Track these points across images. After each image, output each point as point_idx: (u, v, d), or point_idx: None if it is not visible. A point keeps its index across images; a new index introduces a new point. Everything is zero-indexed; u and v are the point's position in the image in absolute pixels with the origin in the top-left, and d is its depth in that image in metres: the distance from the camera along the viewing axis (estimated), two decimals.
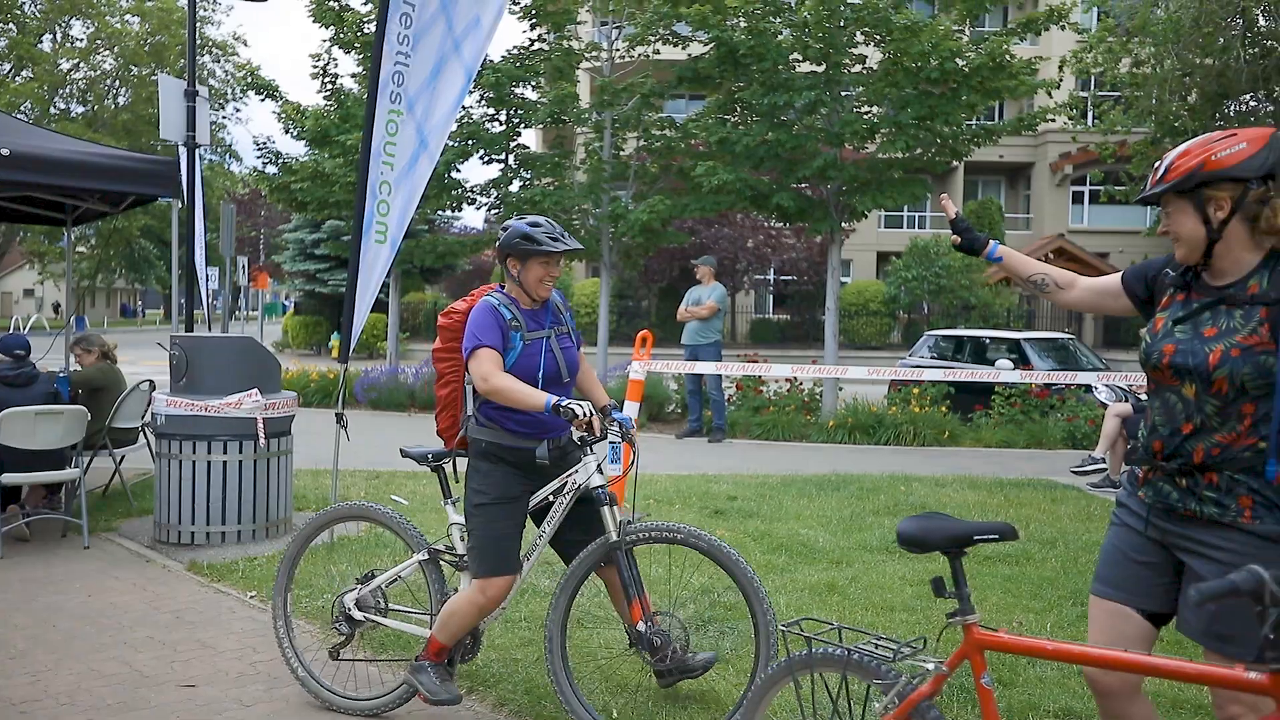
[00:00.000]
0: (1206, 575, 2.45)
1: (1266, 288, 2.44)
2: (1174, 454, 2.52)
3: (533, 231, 3.63)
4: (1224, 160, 2.44)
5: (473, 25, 6.64)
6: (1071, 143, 25.21)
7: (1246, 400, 2.42)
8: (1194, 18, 13.01)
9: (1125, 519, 2.69)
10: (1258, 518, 2.41)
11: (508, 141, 15.41)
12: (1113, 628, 2.67)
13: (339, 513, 4.20)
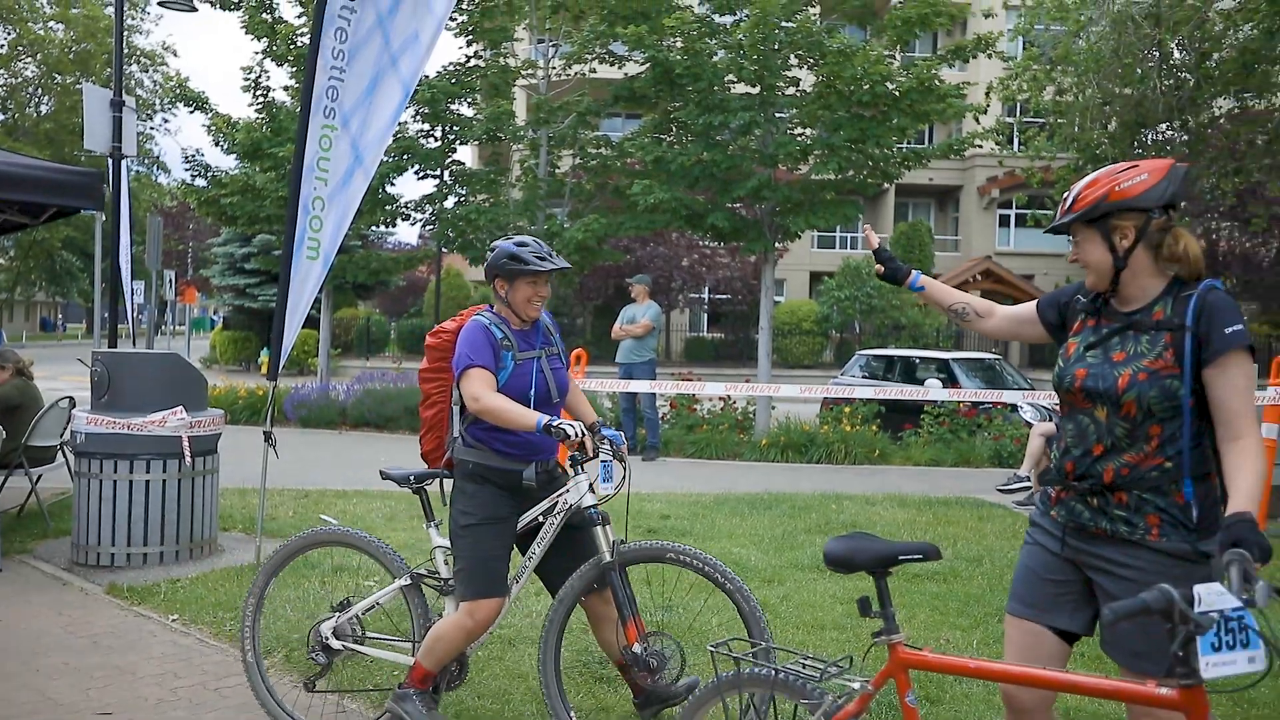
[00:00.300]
0: (1116, 593, 2.52)
1: (1170, 314, 2.52)
2: (1085, 474, 2.59)
3: (519, 251, 3.61)
4: (1128, 190, 2.52)
5: (411, 41, 6.61)
6: (998, 167, 25.82)
7: (1154, 422, 2.50)
8: (1113, 49, 13.43)
9: (1038, 538, 2.75)
10: (1164, 535, 2.49)
11: (443, 157, 15.34)
12: (1028, 646, 2.72)
13: (312, 539, 4.03)
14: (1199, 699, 2.08)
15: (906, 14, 13.74)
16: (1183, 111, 14.02)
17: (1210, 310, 2.47)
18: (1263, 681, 2.08)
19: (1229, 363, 2.43)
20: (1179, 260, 2.56)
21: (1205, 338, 2.45)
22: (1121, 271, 2.58)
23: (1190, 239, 2.58)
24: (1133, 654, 2.51)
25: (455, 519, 3.61)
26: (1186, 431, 2.48)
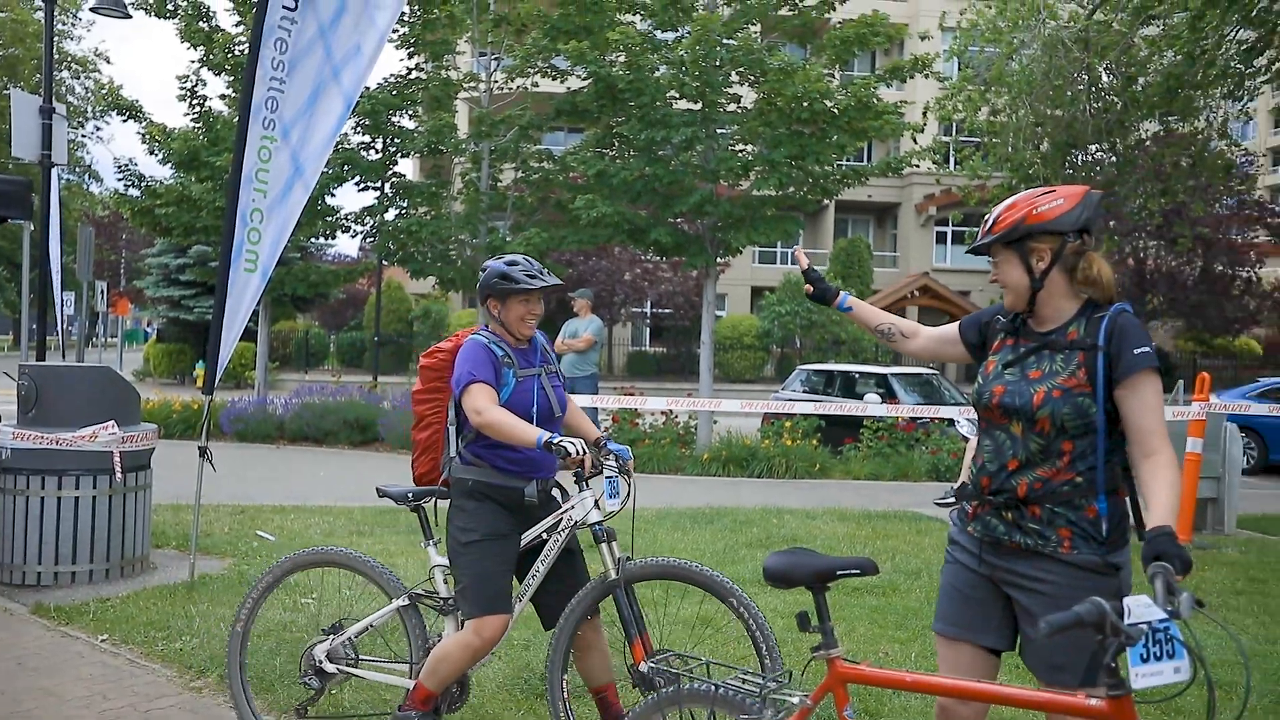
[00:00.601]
0: (1032, 609, 2.59)
1: (1084, 334, 2.60)
2: (1001, 489, 2.66)
3: (510, 270, 3.61)
4: (1044, 214, 2.60)
5: (353, 53, 6.56)
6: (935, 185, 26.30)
7: (1066, 438, 2.57)
8: (1044, 71, 13.74)
9: (957, 555, 2.81)
10: (1075, 548, 2.56)
11: (384, 169, 15.23)
12: (956, 662, 2.79)
13: (302, 559, 3.93)
14: (1127, 709, 2.14)
15: (845, 34, 13.96)
16: (1111, 134, 14.38)
17: (1120, 332, 2.55)
18: (1187, 690, 2.14)
19: (1138, 382, 2.52)
20: (1092, 283, 2.64)
21: (1116, 358, 2.53)
22: (1038, 292, 2.66)
23: (1103, 264, 2.67)
24: (1051, 667, 2.58)
25: (455, 537, 3.57)
26: (1098, 447, 2.56)
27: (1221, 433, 9.02)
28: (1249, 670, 4.13)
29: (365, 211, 15.24)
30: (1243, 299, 32.40)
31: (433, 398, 3.74)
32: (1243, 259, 31.98)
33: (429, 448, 3.77)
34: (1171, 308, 32.11)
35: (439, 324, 33.98)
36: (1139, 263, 31.69)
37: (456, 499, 3.62)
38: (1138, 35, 13.12)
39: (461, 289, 15.91)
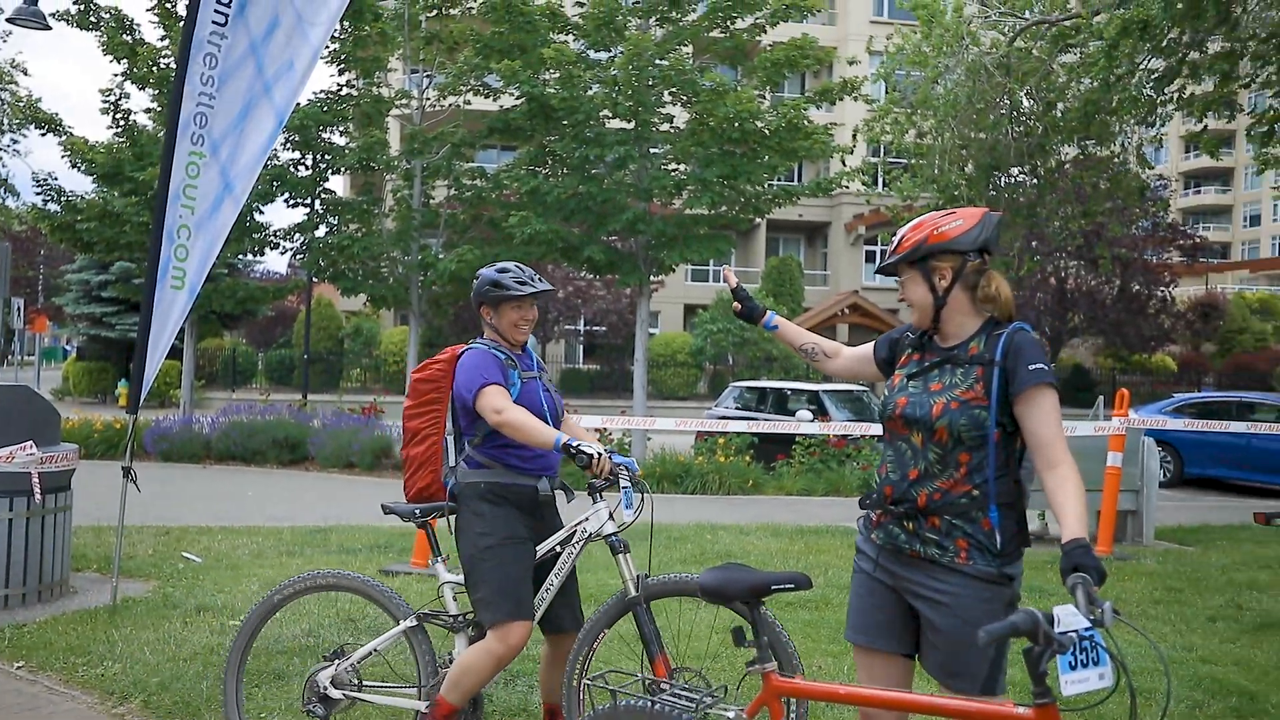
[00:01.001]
0: (933, 619, 2.67)
1: (983, 350, 2.69)
2: (902, 499, 2.73)
3: (501, 277, 3.64)
4: (945, 234, 2.70)
5: (285, 69, 6.49)
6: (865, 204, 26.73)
7: (963, 450, 2.66)
8: (968, 95, 14.06)
9: (862, 564, 2.88)
10: (971, 559, 2.63)
11: (314, 186, 15.06)
12: (872, 670, 2.85)
13: (305, 583, 3.82)
14: (1053, 717, 2.20)
15: (776, 56, 14.20)
16: (1033, 157, 14.76)
17: (1016, 349, 2.64)
18: (1110, 699, 2.21)
19: (1034, 396, 2.60)
20: (991, 301, 2.74)
21: (1011, 373, 2.62)
22: (941, 309, 2.75)
23: (1002, 282, 2.76)
24: (950, 674, 2.66)
25: (472, 543, 3.52)
26: (991, 460, 2.64)
27: (1140, 447, 9.29)
28: (1169, 677, 4.27)
29: (295, 228, 15.06)
30: (1158, 318, 33.42)
31: (428, 410, 3.72)
32: (1158, 279, 33.02)
33: (426, 462, 3.72)
34: (1091, 325, 32.99)
35: (370, 341, 33.60)
36: (1060, 282, 32.52)
37: (469, 504, 3.57)
38: (1056, 62, 13.49)
39: (393, 306, 15.78)
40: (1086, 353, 35.84)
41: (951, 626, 2.64)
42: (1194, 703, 4.83)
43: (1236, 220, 69.57)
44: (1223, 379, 33.65)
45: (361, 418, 13.95)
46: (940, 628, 2.66)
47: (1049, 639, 2.05)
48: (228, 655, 3.85)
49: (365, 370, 33.42)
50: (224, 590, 6.39)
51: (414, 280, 14.71)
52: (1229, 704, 4.83)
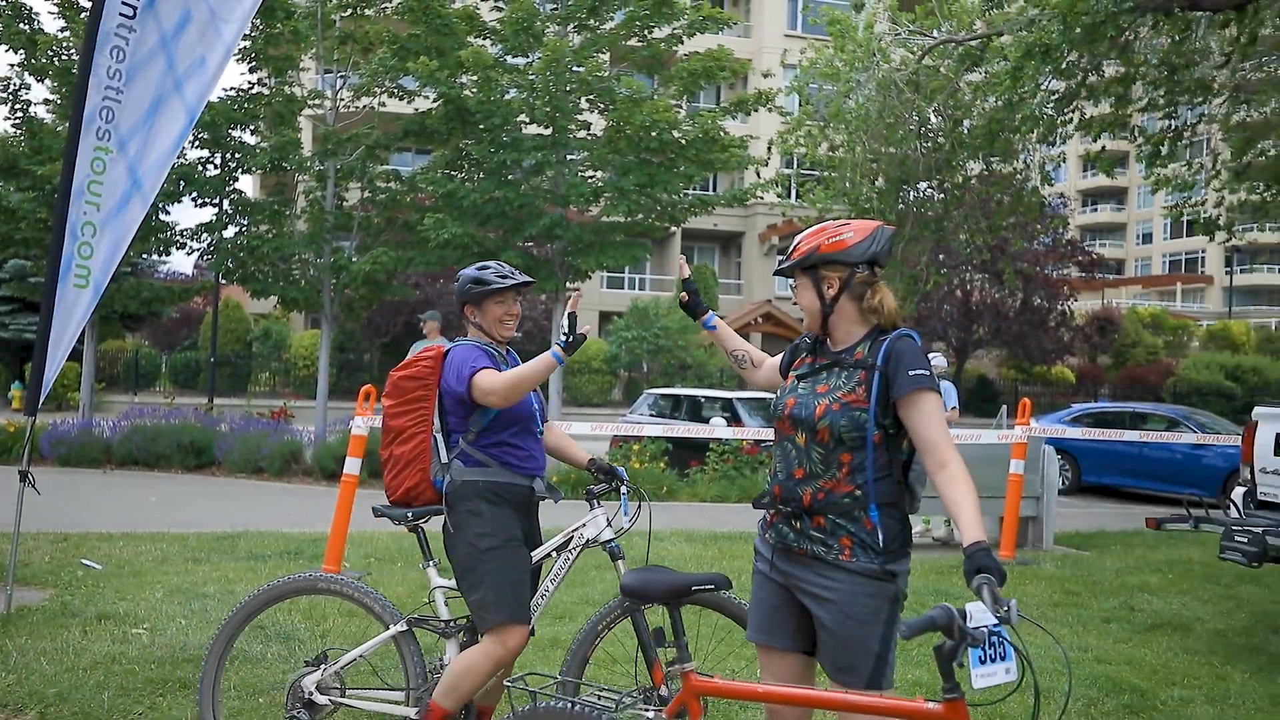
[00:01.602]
0: (822, 617, 2.76)
1: (867, 355, 2.81)
2: (789, 498, 2.83)
3: (482, 274, 3.64)
4: (835, 245, 2.83)
5: (197, 65, 6.36)
6: (778, 215, 27.11)
7: (844, 450, 2.76)
8: (879, 110, 14.39)
9: (759, 565, 2.98)
10: (855, 557, 2.73)
11: (223, 185, 14.71)
12: (772, 667, 2.94)
13: (288, 587, 3.74)
14: (961, 711, 2.29)
15: (693, 66, 14.34)
16: (940, 172, 15.16)
17: (898, 355, 2.76)
18: (1012, 696, 2.31)
19: (916, 400, 2.71)
20: (875, 311, 2.86)
21: (892, 377, 2.74)
22: (828, 316, 2.87)
23: (887, 295, 2.88)
24: (837, 669, 2.75)
25: (471, 544, 3.47)
26: (870, 460, 2.74)
27: (1040, 455, 9.61)
28: (1070, 672, 4.44)
29: (203, 228, 14.68)
30: (1058, 331, 34.53)
31: (415, 408, 3.62)
32: (1058, 293, 34.13)
33: (414, 460, 3.61)
34: (995, 337, 33.93)
35: (280, 345, 32.89)
36: (966, 295, 33.41)
37: (466, 503, 3.52)
38: (963, 81, 13.88)
39: (305, 309, 15.50)
40: (990, 364, 36.86)
41: (837, 622, 2.73)
42: (1089, 700, 5.03)
43: (1130, 238, 72.28)
44: (1117, 390, 34.91)
45: (271, 422, 13.68)
46: (827, 624, 2.75)
47: (963, 634, 2.14)
48: (202, 666, 3.74)
49: (274, 374, 32.69)
50: (126, 598, 6.22)
51: (326, 283, 14.48)
52: (1122, 701, 5.04)
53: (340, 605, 5.39)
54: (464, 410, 3.56)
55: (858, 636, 2.71)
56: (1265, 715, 4.99)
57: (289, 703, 3.64)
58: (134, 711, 4.31)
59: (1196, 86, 11.89)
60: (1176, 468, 14.26)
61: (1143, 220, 70.19)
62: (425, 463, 3.60)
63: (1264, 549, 5.56)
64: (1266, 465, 6.27)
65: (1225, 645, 6.33)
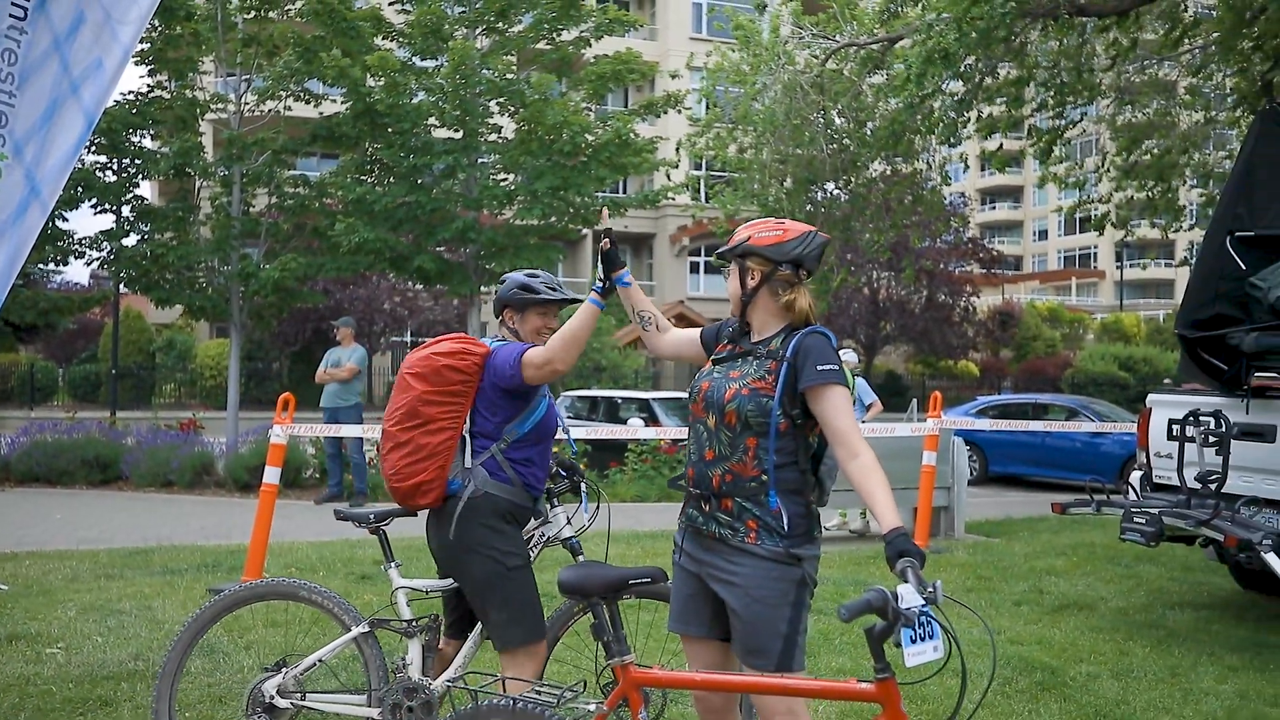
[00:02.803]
0: (731, 601, 2.86)
1: (779, 347, 2.94)
2: (700, 480, 2.94)
3: (530, 281, 3.62)
4: (763, 240, 2.97)
5: (94, 68, 6.17)
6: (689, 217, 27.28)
7: (750, 434, 2.88)
8: (785, 112, 14.64)
9: (676, 556, 3.08)
10: (760, 540, 2.84)
11: (123, 192, 14.29)
12: (695, 654, 3.05)
13: (244, 594, 3.69)
14: (893, 691, 2.40)
15: (601, 69, 14.44)
16: (846, 172, 15.48)
17: (806, 349, 2.89)
18: (935, 678, 2.43)
19: (823, 393, 2.83)
20: (789, 309, 2.99)
21: (800, 370, 2.86)
22: (747, 304, 3.01)
23: (804, 296, 3.00)
24: (748, 651, 2.85)
25: (497, 561, 3.42)
26: (772, 445, 2.85)
27: (950, 447, 9.91)
28: (995, 646, 4.59)
29: (103, 236, 14.24)
30: (962, 326, 35.50)
31: (451, 401, 3.50)
32: (960, 290, 35.08)
33: (437, 454, 3.47)
34: (902, 333, 34.76)
35: (185, 355, 32.03)
36: (873, 292, 34.14)
37: (488, 519, 3.45)
38: (866, 84, 14.22)
39: (212, 318, 15.15)
40: (898, 359, 37.71)
41: (745, 606, 2.82)
42: (1004, 679, 5.24)
43: (1027, 235, 74.58)
44: (1019, 383, 36.01)
45: (180, 434, 13.34)
46: (736, 608, 2.84)
47: (897, 614, 2.25)
48: (154, 696, 3.67)
49: (180, 385, 31.81)
50: (37, 618, 6.04)
51: (235, 290, 14.18)
52: (1034, 679, 5.27)
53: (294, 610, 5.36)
54: (503, 414, 3.51)
55: (765, 619, 2.80)
56: (1165, 686, 5.25)
57: (249, 708, 3.62)
58: None
59: (1084, 88, 12.37)
60: (1076, 456, 14.80)
61: (1039, 218, 72.48)
62: (448, 460, 3.48)
63: (1160, 529, 5.84)
64: (1160, 449, 6.59)
65: (1127, 622, 6.64)
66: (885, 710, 2.39)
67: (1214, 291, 6.16)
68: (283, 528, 8.58)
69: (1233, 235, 6.18)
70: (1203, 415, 5.94)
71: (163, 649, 5.35)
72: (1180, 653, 5.90)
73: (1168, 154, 13.51)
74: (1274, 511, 5.86)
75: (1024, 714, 4.73)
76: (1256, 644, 6.11)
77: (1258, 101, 10.25)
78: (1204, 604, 7.27)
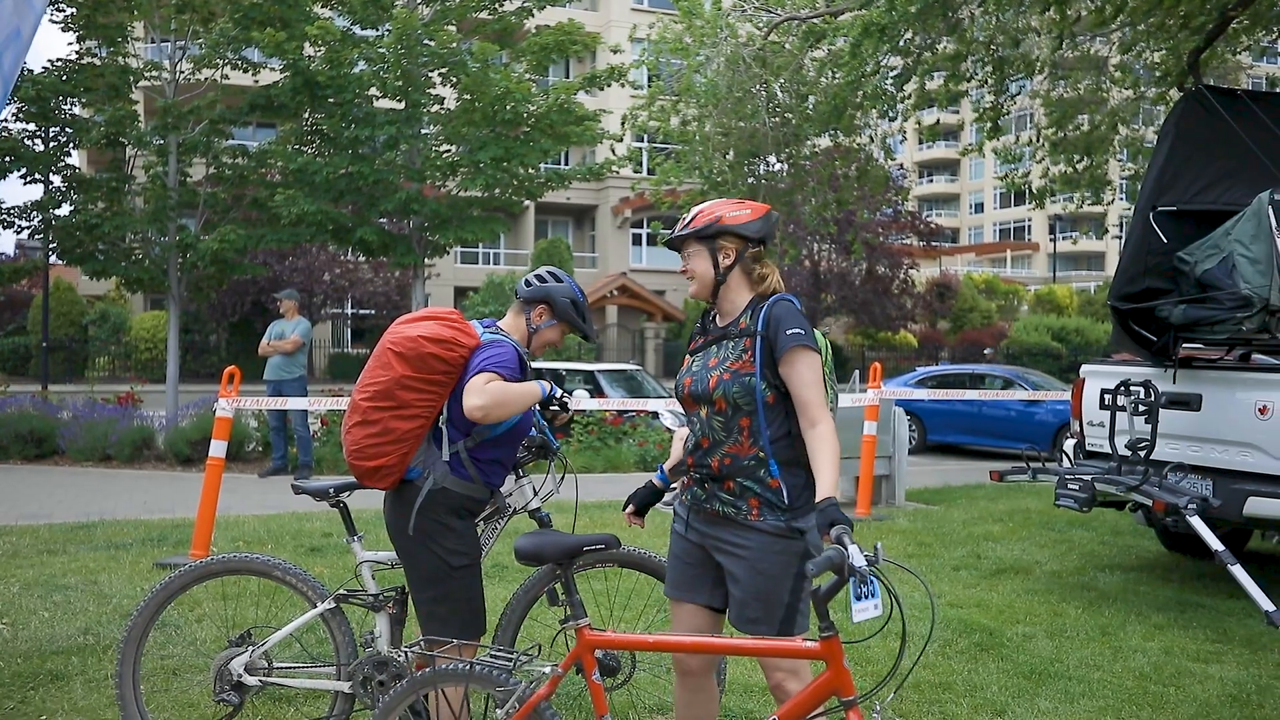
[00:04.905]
0: (736, 572, 2.97)
1: (750, 323, 3.02)
2: (700, 464, 3.05)
3: (582, 304, 3.60)
4: (735, 219, 3.04)
5: (14, 37, 6.08)
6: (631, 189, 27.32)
7: (742, 415, 2.97)
8: (728, 85, 14.71)
9: (676, 526, 3.20)
10: (763, 516, 2.95)
11: (53, 161, 13.93)
12: (682, 619, 3.15)
13: (201, 570, 3.65)
14: (836, 648, 2.51)
15: (544, 40, 14.36)
16: (788, 145, 15.62)
17: (776, 318, 2.98)
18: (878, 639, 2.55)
19: (794, 359, 2.92)
20: (763, 282, 3.08)
21: (773, 340, 2.95)
22: (720, 284, 3.07)
23: (774, 272, 3.11)
24: (749, 620, 2.95)
25: (442, 559, 3.34)
26: (761, 419, 2.94)
27: (891, 417, 10.11)
28: (935, 603, 4.78)
29: (32, 206, 13.89)
30: (901, 298, 36.01)
31: (431, 388, 3.37)
32: (899, 262, 35.55)
33: (404, 440, 3.35)
34: (843, 305, 35.16)
35: (119, 327, 31.38)
36: (814, 264, 34.47)
37: (440, 514, 3.36)
38: (808, 58, 14.32)
39: (148, 289, 14.87)
40: (839, 331, 38.17)
41: (749, 577, 2.93)
42: (945, 640, 5.42)
43: (964, 207, 75.67)
44: (955, 353, 36.67)
45: (118, 407, 13.11)
46: (740, 578, 2.95)
47: (851, 570, 2.37)
48: (118, 660, 3.62)
49: (114, 358, 31.19)
50: None
51: (172, 262, 13.93)
52: (974, 640, 5.46)
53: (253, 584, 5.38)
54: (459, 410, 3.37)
55: (768, 590, 2.91)
56: (1096, 644, 5.48)
57: (216, 686, 3.60)
58: (4, 707, 4.19)
59: (1021, 63, 12.59)
60: (1011, 425, 15.17)
61: (975, 191, 73.56)
62: (414, 447, 3.39)
63: (1093, 495, 6.05)
64: (1093, 418, 6.81)
65: (1061, 585, 6.89)
66: (829, 666, 2.51)
67: (1144, 265, 6.36)
68: (228, 501, 8.51)
69: (1155, 210, 6.38)
70: (1133, 385, 6.15)
71: (111, 623, 5.36)
72: (1110, 613, 6.15)
73: (1097, 129, 13.82)
74: (1199, 477, 6.10)
75: (964, 673, 4.90)
76: (1181, 603, 6.39)
77: (1184, 79, 10.52)
78: (1133, 566, 7.56)
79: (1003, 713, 4.42)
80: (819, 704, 2.57)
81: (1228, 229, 5.90)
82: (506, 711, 2.79)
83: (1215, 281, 5.90)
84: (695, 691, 3.18)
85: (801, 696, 2.60)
